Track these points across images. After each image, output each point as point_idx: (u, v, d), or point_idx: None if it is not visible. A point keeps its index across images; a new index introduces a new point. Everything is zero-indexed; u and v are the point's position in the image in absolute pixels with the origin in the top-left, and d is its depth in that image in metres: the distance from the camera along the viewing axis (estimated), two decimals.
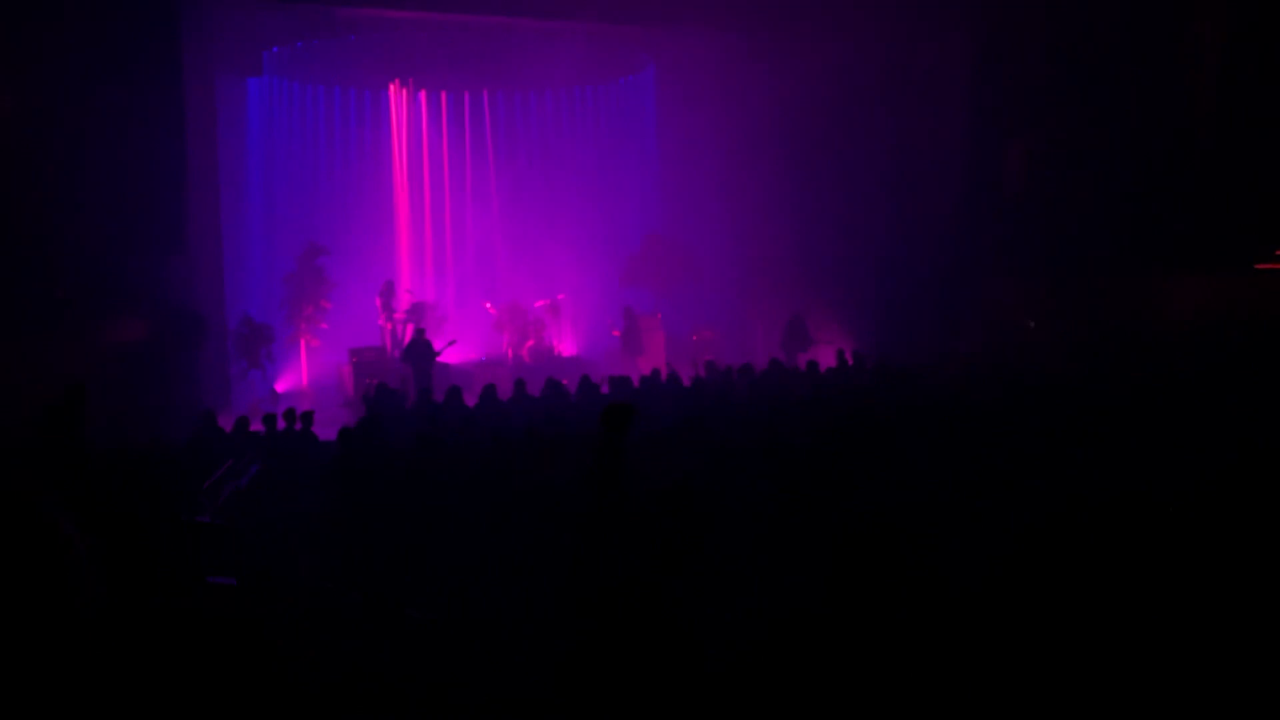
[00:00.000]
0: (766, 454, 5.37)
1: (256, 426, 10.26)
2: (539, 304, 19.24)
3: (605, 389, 11.82)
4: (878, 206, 16.42)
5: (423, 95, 20.14)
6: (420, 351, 14.34)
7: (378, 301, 17.78)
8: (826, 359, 14.05)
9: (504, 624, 3.31)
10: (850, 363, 13.47)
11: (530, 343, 18.43)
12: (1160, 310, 13.06)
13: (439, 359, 14.59)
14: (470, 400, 11.04)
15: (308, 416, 10.08)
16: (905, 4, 15.22)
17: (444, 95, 20.18)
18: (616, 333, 17.90)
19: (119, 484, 6.93)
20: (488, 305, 19.31)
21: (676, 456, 6.05)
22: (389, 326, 17.57)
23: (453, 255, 20.40)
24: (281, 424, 9.80)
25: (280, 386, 16.62)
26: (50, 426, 6.71)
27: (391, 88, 19.82)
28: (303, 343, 17.54)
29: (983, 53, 15.29)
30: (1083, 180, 14.02)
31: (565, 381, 12.36)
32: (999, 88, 15.17)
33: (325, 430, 9.98)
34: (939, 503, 4.50)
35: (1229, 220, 12.24)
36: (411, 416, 10.36)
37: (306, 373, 17.58)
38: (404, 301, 18.12)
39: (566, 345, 19.52)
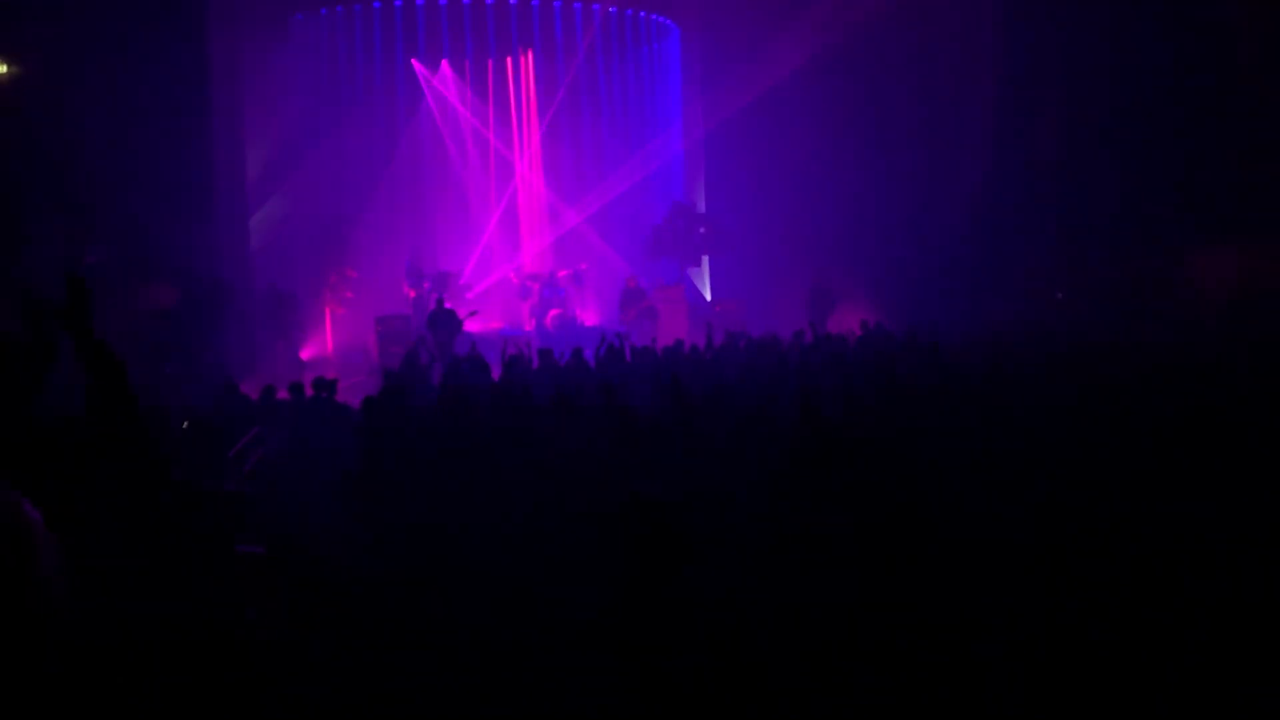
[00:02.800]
0: (792, 428, 5.34)
1: (282, 394, 10.29)
2: (562, 273, 19.22)
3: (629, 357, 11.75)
4: (905, 176, 16.27)
5: (446, 64, 20.05)
6: (444, 321, 14.35)
7: (404, 271, 17.82)
8: (851, 325, 13.95)
9: (528, 599, 3.32)
10: (874, 330, 13.35)
11: (554, 312, 18.43)
12: (1193, 280, 12.88)
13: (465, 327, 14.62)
14: (494, 369, 11.05)
15: (332, 385, 10.10)
16: None
17: (468, 64, 20.08)
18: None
19: (142, 452, 6.94)
20: (511, 274, 19.31)
21: (701, 426, 6.02)
22: (414, 295, 17.60)
23: (477, 224, 20.37)
24: (308, 392, 9.82)
25: (306, 354, 16.70)
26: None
27: (416, 57, 19.74)
28: (328, 311, 17.62)
29: (1011, 19, 15.04)
30: (1113, 149, 13.80)
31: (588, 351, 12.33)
32: (1028, 55, 14.93)
33: (351, 398, 10.00)
34: (970, 474, 4.45)
35: (1266, 189, 12.03)
36: (436, 385, 10.36)
37: (332, 341, 17.66)
38: (429, 271, 18.15)
39: (590, 315, 19.51)
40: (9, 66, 11.82)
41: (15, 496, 1.48)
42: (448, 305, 15.06)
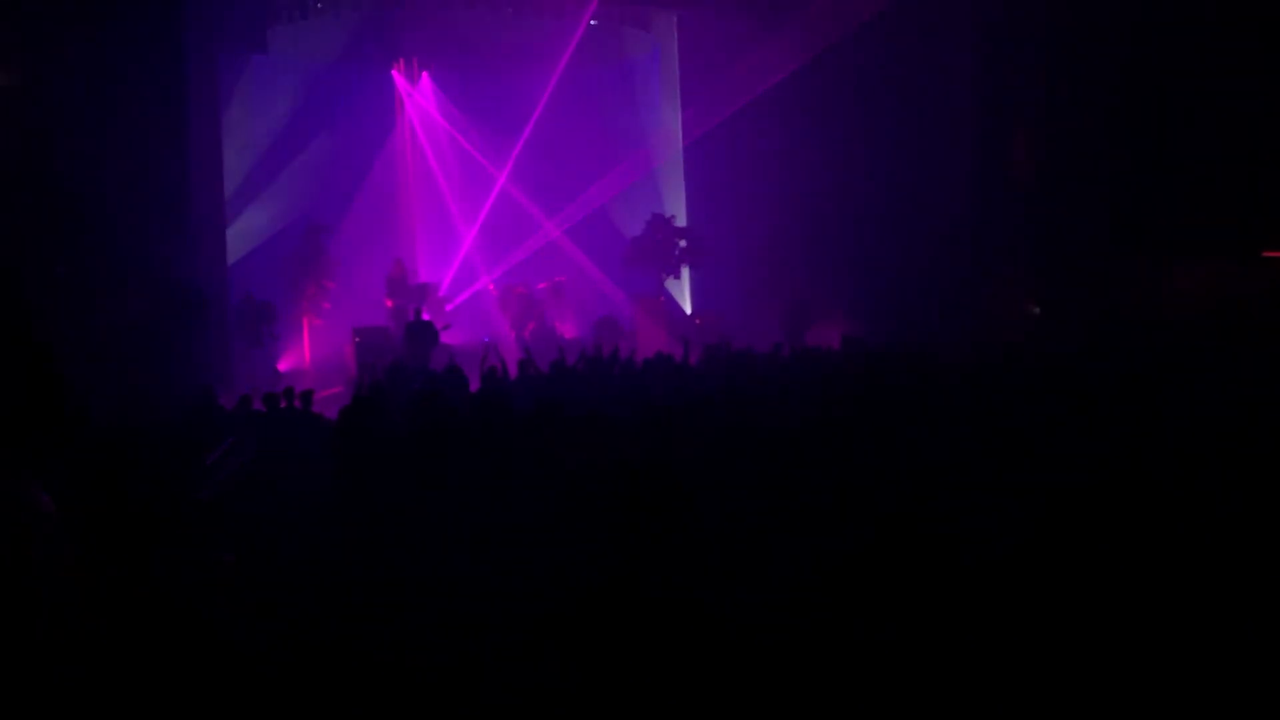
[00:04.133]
0: (755, 437, 5.32)
1: (258, 405, 10.20)
2: (541, 286, 19.19)
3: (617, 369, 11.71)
4: (882, 191, 16.33)
5: (426, 75, 20.03)
6: (420, 333, 14.29)
7: (385, 282, 17.73)
8: (831, 340, 13.97)
9: (501, 608, 3.27)
10: (851, 346, 13.37)
11: (532, 324, 18.38)
12: (1164, 296, 12.98)
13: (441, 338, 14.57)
14: (471, 380, 10.98)
15: (308, 395, 10.02)
16: None
17: (448, 75, 20.07)
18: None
19: (116, 459, 6.87)
20: (490, 286, 19.26)
21: (674, 437, 5.99)
22: (392, 305, 17.51)
23: (456, 236, 20.31)
24: (283, 403, 9.74)
25: (283, 365, 16.57)
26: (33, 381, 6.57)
27: (395, 67, 19.71)
28: (305, 321, 17.49)
29: (987, 39, 15.16)
30: (1087, 165, 13.91)
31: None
32: (1004, 73, 15.05)
33: (327, 409, 9.92)
34: (945, 485, 4.44)
35: (1237, 207, 12.14)
36: (414, 395, 10.28)
37: (309, 351, 17.53)
38: (410, 282, 18.07)
39: (568, 327, 19.47)
40: None
41: (27, 486, 1.43)
42: (425, 317, 14.99)
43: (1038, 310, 15.16)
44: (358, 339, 16.22)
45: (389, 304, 17.58)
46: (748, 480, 4.50)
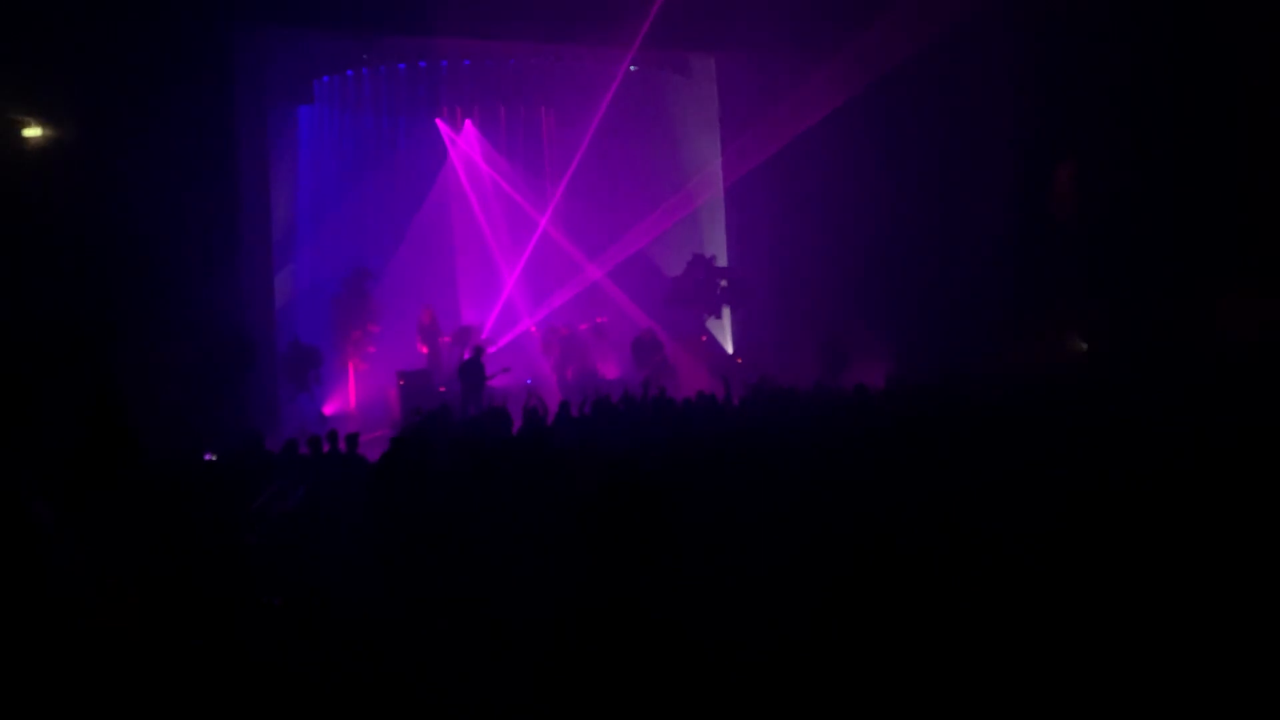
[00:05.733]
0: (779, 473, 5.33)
1: (304, 449, 10.34)
2: (583, 327, 19.30)
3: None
4: (923, 228, 16.26)
5: (469, 122, 20.37)
6: (472, 372, 14.46)
7: (417, 330, 18.03)
8: (873, 379, 13.87)
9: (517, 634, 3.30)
10: (893, 386, 13.25)
11: (574, 366, 18.47)
12: (1215, 327, 12.77)
13: (489, 383, 14.71)
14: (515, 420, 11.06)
15: (353, 438, 10.13)
16: (946, 20, 15.09)
17: (490, 121, 20.40)
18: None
19: (168, 503, 7.01)
20: (532, 328, 19.41)
21: (718, 476, 5.99)
22: (427, 351, 17.78)
23: (499, 279, 20.52)
24: (326, 446, 9.86)
25: (328, 409, 16.78)
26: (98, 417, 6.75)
27: (439, 115, 20.07)
28: (350, 366, 17.74)
29: (1029, 69, 15.11)
30: (1133, 197, 13.78)
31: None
32: (1046, 103, 14.98)
33: (371, 451, 10.03)
34: (969, 514, 4.41)
35: None
36: (457, 435, 10.38)
37: (354, 395, 17.74)
38: (448, 326, 18.29)
39: (610, 368, 19.53)
40: (41, 127, 12.12)
41: (26, 497, 1.50)
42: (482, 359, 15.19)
43: (1084, 345, 14.98)
44: (402, 382, 16.40)
45: (423, 350, 17.85)
46: (767, 512, 4.50)
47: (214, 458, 10.36)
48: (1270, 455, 5.11)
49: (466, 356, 15.36)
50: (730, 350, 19.96)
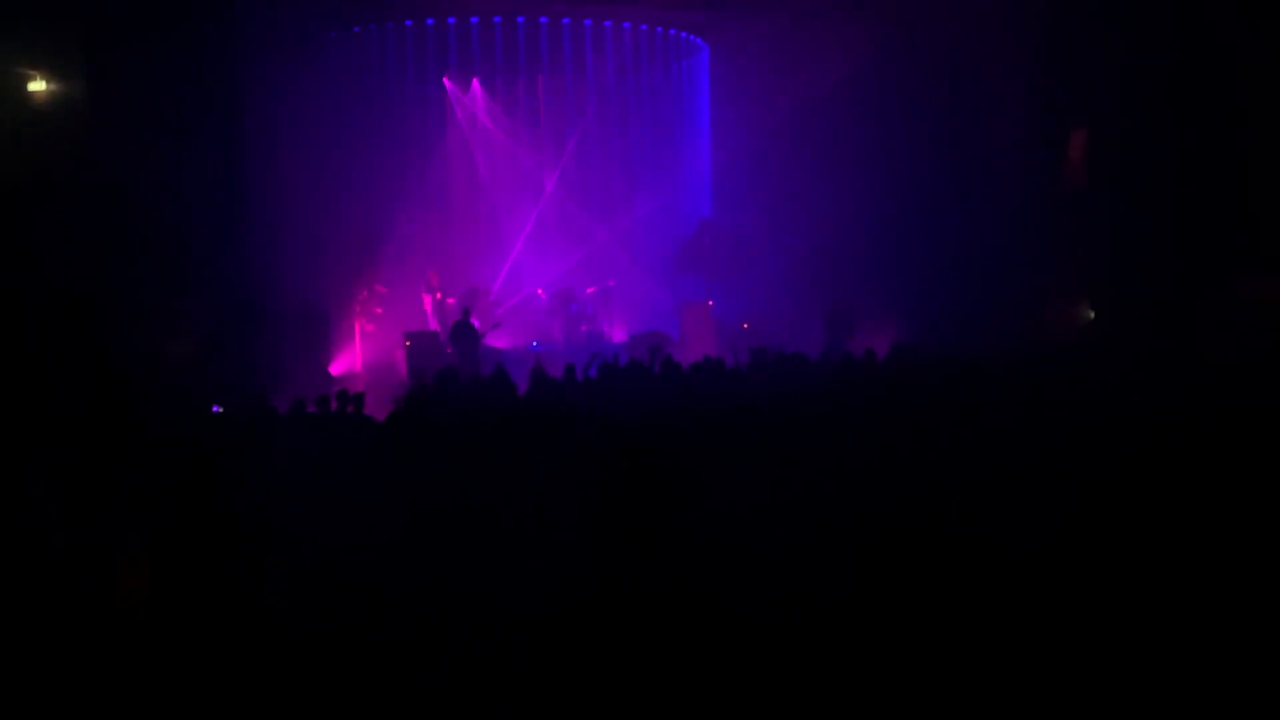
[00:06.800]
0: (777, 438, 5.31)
1: (311, 409, 10.35)
2: (590, 290, 19.26)
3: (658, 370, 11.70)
4: (933, 193, 16.15)
5: (476, 82, 20.20)
6: (465, 334, 14.43)
7: (423, 288, 18.02)
8: (880, 346, 13.81)
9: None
10: (902, 353, 13.16)
11: (582, 329, 18.46)
12: (1226, 300, 12.69)
13: (485, 342, 14.70)
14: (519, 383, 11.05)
15: (359, 398, 10.15)
16: None
17: (499, 82, 20.22)
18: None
19: (177, 465, 7.03)
20: (539, 291, 19.37)
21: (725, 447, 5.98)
22: (429, 299, 17.78)
23: (506, 241, 20.44)
24: (334, 405, 9.88)
25: (335, 370, 16.79)
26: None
27: (446, 74, 19.90)
28: (357, 327, 17.73)
29: (1043, 35, 14.92)
30: (1146, 166, 13.65)
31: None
32: (1060, 74, 14.81)
33: (379, 412, 10.04)
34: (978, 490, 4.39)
35: None
36: (460, 396, 10.38)
37: (361, 356, 17.75)
38: (456, 288, 18.25)
39: (618, 332, 19.51)
40: (45, 81, 12.03)
41: (28, 484, 1.48)
42: (473, 320, 15.14)
43: (1093, 314, 14.91)
44: (408, 343, 16.39)
45: (425, 298, 17.82)
46: (773, 478, 4.50)
47: (221, 409, 10.41)
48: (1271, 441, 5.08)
49: (456, 318, 15.35)
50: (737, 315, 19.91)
